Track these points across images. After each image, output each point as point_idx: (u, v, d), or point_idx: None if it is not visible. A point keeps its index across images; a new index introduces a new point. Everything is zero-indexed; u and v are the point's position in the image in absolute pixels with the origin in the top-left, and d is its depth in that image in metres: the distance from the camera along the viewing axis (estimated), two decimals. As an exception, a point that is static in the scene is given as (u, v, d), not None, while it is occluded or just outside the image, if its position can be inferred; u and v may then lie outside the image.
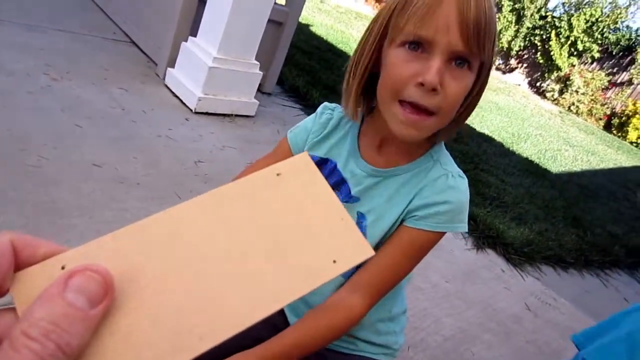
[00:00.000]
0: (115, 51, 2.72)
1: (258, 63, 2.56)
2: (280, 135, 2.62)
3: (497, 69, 12.33)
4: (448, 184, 0.75)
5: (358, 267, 0.80)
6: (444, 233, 0.76)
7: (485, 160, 3.82)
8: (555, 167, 4.82)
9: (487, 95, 7.82)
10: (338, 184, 0.82)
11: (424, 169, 0.78)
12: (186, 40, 2.50)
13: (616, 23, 10.42)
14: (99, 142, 1.81)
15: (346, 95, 0.80)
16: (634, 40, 10.45)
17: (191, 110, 2.40)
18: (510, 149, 4.74)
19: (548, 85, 11.36)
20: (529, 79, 12.07)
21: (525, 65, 12.17)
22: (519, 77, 12.08)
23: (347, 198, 0.81)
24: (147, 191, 1.65)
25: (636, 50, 10.32)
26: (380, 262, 0.77)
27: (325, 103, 0.88)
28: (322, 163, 0.84)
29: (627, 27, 10.67)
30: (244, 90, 2.54)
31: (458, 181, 0.76)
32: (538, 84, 11.76)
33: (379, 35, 0.71)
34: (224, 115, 2.52)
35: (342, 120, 0.84)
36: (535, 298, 2.14)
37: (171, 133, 2.11)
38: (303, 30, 5.70)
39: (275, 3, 2.61)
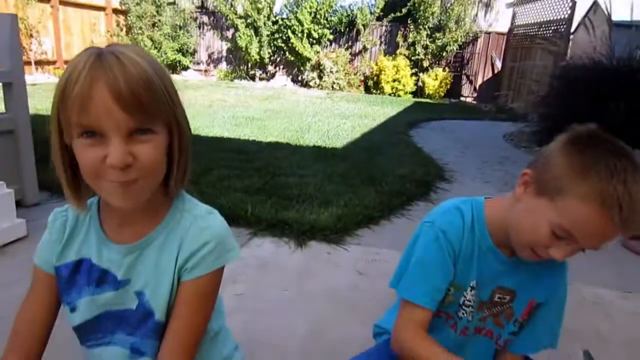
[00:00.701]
0: None
1: (3, 182, 2.31)
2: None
3: (261, 78, 13.12)
4: (200, 227, 0.80)
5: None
6: (221, 269, 0.81)
7: (279, 165, 4.06)
8: (339, 142, 5.36)
9: (261, 104, 8.28)
10: (102, 277, 0.80)
11: (176, 224, 0.80)
12: None
13: (332, 7, 12.00)
14: None
15: (65, 191, 0.79)
16: (351, 15, 12.19)
17: (-55, 264, 2.05)
18: (298, 144, 5.11)
19: (307, 75, 12.52)
20: (290, 76, 13.12)
21: (282, 66, 13.20)
22: (282, 79, 13.03)
23: (117, 285, 0.80)
24: None
25: (356, 22, 12.06)
26: (178, 327, 0.79)
27: (55, 209, 0.86)
28: (77, 266, 0.82)
29: (341, 6, 12.42)
30: (0, 215, 2.26)
31: (208, 219, 0.81)
32: (300, 78, 12.87)
33: (58, 133, 0.72)
34: (-9, 250, 2.22)
35: (79, 217, 0.83)
36: (362, 261, 2.39)
37: None
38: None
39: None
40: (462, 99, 12.68)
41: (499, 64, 12.00)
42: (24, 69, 2.68)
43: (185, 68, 12.95)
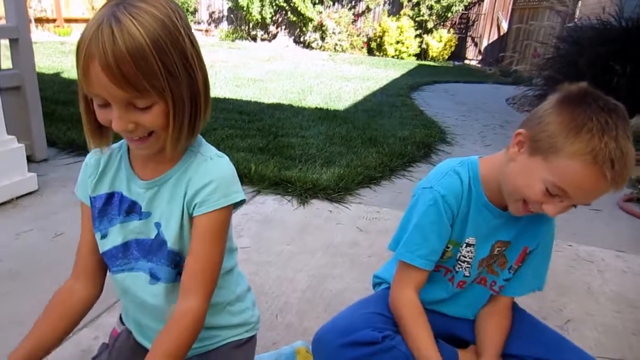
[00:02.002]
0: None
1: (14, 136, 2.36)
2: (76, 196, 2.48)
3: (263, 39, 12.92)
4: (208, 167, 0.88)
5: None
6: (229, 207, 0.88)
7: (281, 126, 4.09)
8: (341, 104, 5.36)
9: (263, 66, 8.21)
10: (131, 207, 0.91)
11: (189, 164, 0.89)
12: None
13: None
14: None
15: (85, 132, 0.86)
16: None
17: (-39, 216, 2.13)
18: (300, 105, 5.11)
19: (310, 36, 12.33)
20: (292, 37, 12.92)
21: (284, 27, 12.98)
22: (284, 40, 12.85)
23: (141, 216, 0.90)
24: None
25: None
26: (193, 259, 0.87)
27: (92, 150, 0.94)
28: (109, 198, 0.92)
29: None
30: (11, 169, 2.32)
31: (216, 160, 0.89)
32: (302, 39, 12.67)
33: (80, 86, 0.78)
34: (4, 203, 2.29)
35: (111, 155, 0.93)
36: (363, 219, 2.46)
37: (-53, 251, 1.86)
38: (54, 81, 5.27)
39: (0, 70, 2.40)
40: (466, 61, 12.53)
41: (505, 26, 11.79)
42: (28, 25, 2.68)
43: (186, 27, 12.74)
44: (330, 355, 1.11)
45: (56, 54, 7.76)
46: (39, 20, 10.03)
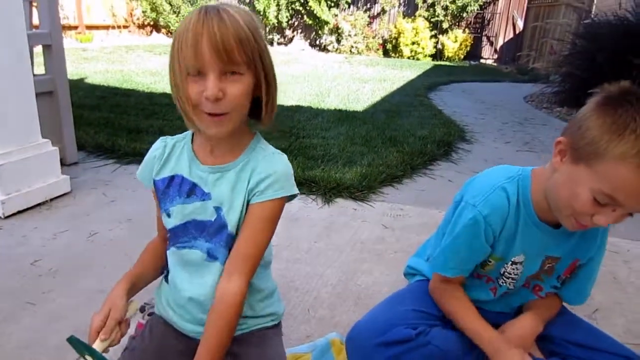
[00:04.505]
0: None
1: (48, 140, 2.44)
2: (107, 197, 2.56)
3: (279, 43, 13.02)
4: (271, 159, 0.96)
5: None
6: (284, 199, 0.96)
7: (302, 127, 4.14)
8: (360, 105, 5.39)
9: (281, 70, 8.28)
10: (192, 189, 0.98)
11: (252, 157, 0.97)
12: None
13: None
14: None
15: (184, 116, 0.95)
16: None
17: (1, 217, 2.21)
18: (319, 107, 5.16)
19: (325, 39, 12.40)
20: (309, 41, 13.00)
21: (300, 31, 13.07)
22: (301, 43, 12.93)
23: (203, 196, 0.97)
24: (-4, 316, 1.54)
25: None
26: (243, 243, 0.95)
27: (160, 138, 1.06)
28: (171, 180, 1.00)
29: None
30: (47, 171, 2.41)
31: (278, 156, 0.98)
32: (318, 42, 12.74)
33: (179, 71, 0.88)
34: (39, 205, 2.37)
35: (175, 144, 1.03)
36: (387, 216, 2.49)
37: (-10, 250, 1.94)
38: (79, 86, 5.41)
39: (34, 75, 2.49)
40: (482, 61, 12.47)
41: (520, 24, 11.71)
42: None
43: (204, 32, 12.91)
44: (366, 354, 1.11)
45: (79, 60, 7.93)
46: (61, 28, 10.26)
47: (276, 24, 12.55)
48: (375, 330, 1.11)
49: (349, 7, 12.43)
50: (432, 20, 11.79)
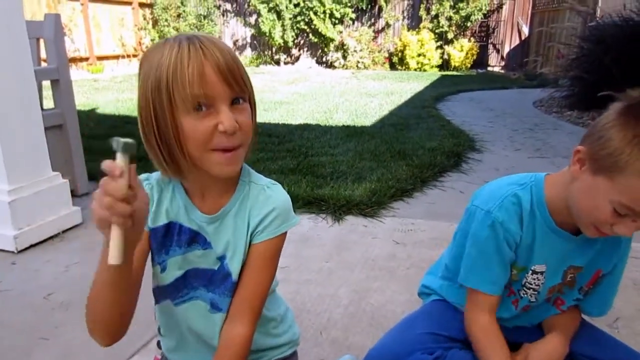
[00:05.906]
0: None
1: (59, 173, 2.48)
2: (119, 225, 2.56)
3: (286, 62, 13.15)
4: (267, 196, 0.90)
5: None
6: (284, 234, 0.92)
7: (310, 146, 4.14)
8: (368, 120, 5.39)
9: (288, 89, 8.35)
10: (193, 237, 0.91)
11: (246, 194, 0.91)
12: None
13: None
14: None
15: (158, 164, 0.86)
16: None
17: (14, 252, 2.24)
18: (327, 124, 5.17)
19: (332, 56, 12.51)
20: (315, 58, 13.12)
21: (306, 49, 13.20)
22: (307, 61, 13.05)
23: (205, 245, 0.91)
24: (5, 355, 1.54)
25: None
26: (246, 285, 0.90)
27: (139, 177, 0.89)
28: (167, 229, 0.91)
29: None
30: (58, 204, 2.44)
31: (273, 189, 0.92)
32: (324, 59, 12.85)
33: (152, 116, 0.80)
34: (51, 237, 2.39)
35: (162, 183, 0.92)
36: (398, 232, 2.46)
37: (2, 286, 1.96)
38: (90, 117, 5.49)
39: (43, 109, 2.54)
40: (489, 68, 12.43)
41: (526, 30, 11.68)
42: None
43: (211, 57, 13.10)
44: None
45: (90, 91, 8.08)
46: (72, 60, 10.47)
47: (282, 44, 12.70)
48: (389, 357, 1.08)
49: (354, 23, 12.55)
50: (436, 31, 11.82)
